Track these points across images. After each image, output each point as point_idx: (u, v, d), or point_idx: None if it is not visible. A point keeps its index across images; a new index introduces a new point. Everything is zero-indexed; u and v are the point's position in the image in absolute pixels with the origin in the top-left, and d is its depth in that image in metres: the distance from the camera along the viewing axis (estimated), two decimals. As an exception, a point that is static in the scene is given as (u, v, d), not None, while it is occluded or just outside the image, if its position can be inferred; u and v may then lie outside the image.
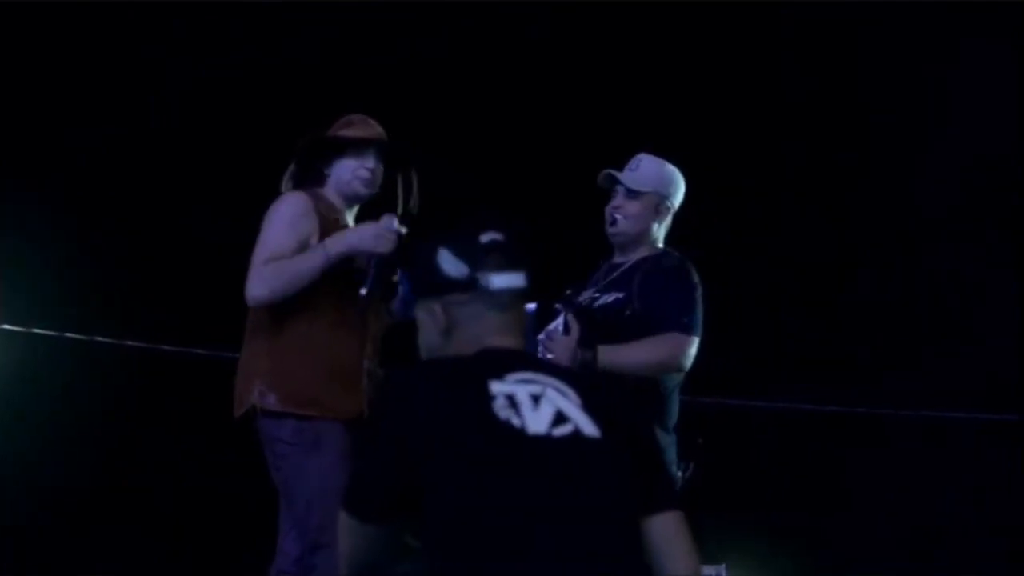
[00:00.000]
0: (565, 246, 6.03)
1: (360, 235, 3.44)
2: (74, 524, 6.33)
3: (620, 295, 4.11)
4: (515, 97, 7.19)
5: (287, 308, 3.45)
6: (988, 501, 6.53)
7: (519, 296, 2.24)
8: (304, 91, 6.97)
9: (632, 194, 4.09)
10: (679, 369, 3.84)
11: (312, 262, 3.41)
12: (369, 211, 3.70)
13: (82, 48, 6.76)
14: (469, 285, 2.23)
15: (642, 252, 4.14)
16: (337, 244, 3.43)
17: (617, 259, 4.19)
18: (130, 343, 6.33)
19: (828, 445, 6.84)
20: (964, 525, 6.47)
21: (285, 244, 3.44)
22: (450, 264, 2.25)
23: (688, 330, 3.89)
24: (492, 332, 2.22)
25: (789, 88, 7.19)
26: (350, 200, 3.62)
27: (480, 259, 2.24)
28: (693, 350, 3.88)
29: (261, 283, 3.42)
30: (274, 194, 3.70)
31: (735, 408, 6.41)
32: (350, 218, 3.63)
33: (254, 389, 3.44)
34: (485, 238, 2.25)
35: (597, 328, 3.87)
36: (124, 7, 6.77)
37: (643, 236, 4.11)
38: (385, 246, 3.42)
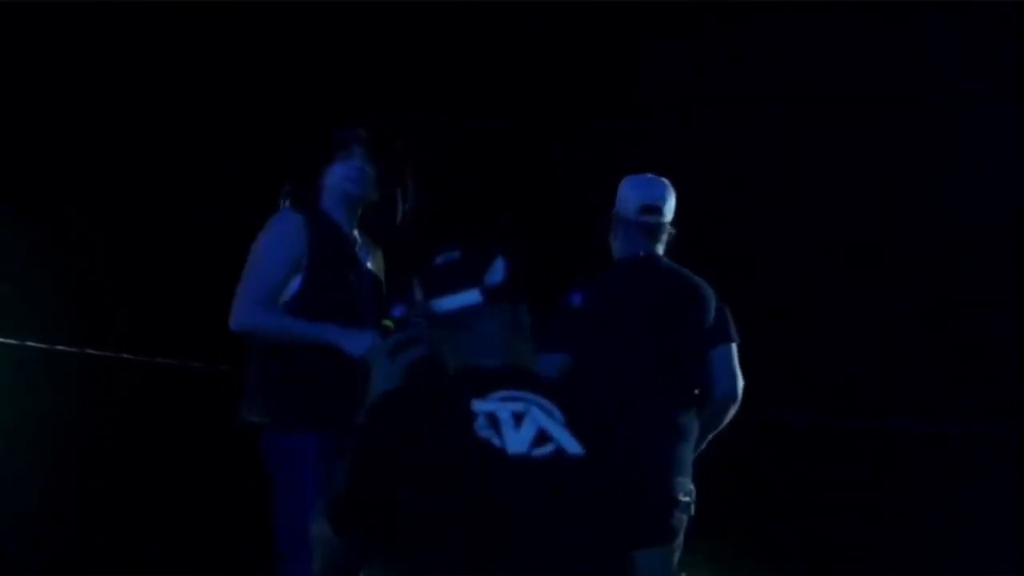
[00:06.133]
0: (563, 247, 6.04)
1: (351, 341, 3.36)
2: (73, 525, 6.33)
3: None
4: (516, 97, 7.19)
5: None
6: (987, 517, 6.45)
7: (476, 314, 2.20)
8: (304, 91, 6.97)
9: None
10: None
11: (303, 335, 3.37)
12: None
13: (81, 48, 6.76)
14: (424, 311, 2.23)
15: None
16: (330, 336, 3.37)
17: None
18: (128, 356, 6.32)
19: (821, 458, 6.80)
20: (962, 541, 6.41)
21: (278, 272, 3.42)
22: (416, 291, 2.26)
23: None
24: (464, 353, 2.20)
25: (787, 87, 7.19)
26: (346, 204, 3.61)
27: (430, 283, 2.24)
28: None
29: (251, 316, 3.38)
30: (273, 195, 3.70)
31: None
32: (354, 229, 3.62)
33: (243, 404, 3.44)
34: (440, 259, 2.24)
35: None
36: (124, 7, 6.77)
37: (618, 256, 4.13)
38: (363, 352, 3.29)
